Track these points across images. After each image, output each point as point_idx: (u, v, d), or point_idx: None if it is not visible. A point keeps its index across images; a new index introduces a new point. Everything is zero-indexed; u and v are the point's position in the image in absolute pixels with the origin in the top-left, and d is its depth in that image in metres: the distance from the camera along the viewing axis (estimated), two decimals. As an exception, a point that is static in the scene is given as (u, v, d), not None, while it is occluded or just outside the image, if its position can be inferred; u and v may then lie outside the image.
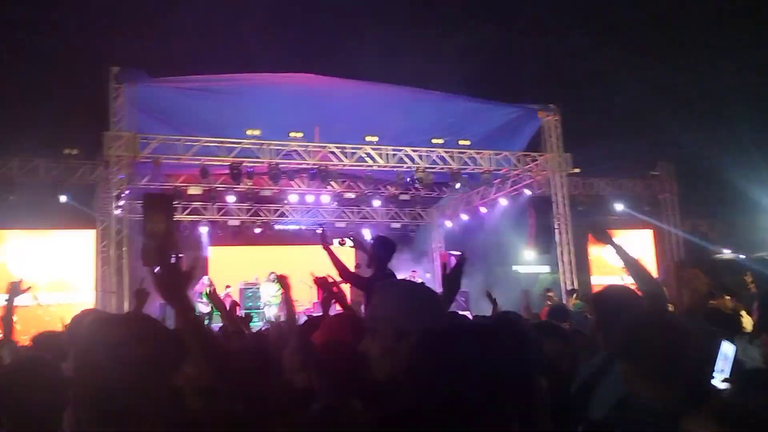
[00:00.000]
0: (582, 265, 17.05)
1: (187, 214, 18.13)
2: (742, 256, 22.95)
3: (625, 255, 3.13)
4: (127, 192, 13.58)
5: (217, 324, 7.87)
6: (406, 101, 14.91)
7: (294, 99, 14.22)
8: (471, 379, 1.27)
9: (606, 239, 3.18)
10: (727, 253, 24.28)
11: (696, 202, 20.85)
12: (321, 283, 4.15)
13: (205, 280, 15.65)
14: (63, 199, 14.40)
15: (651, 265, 17.84)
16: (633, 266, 3.07)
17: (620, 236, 17.97)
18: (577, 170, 16.46)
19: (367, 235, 20.62)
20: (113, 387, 1.47)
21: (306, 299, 17.74)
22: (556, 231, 15.78)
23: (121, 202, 13.57)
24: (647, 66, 21.77)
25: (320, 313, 4.11)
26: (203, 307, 14.74)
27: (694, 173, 20.44)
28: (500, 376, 1.28)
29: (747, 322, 5.51)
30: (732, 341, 3.57)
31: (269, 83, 13.85)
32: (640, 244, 18.32)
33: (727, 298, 8.76)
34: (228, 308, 4.57)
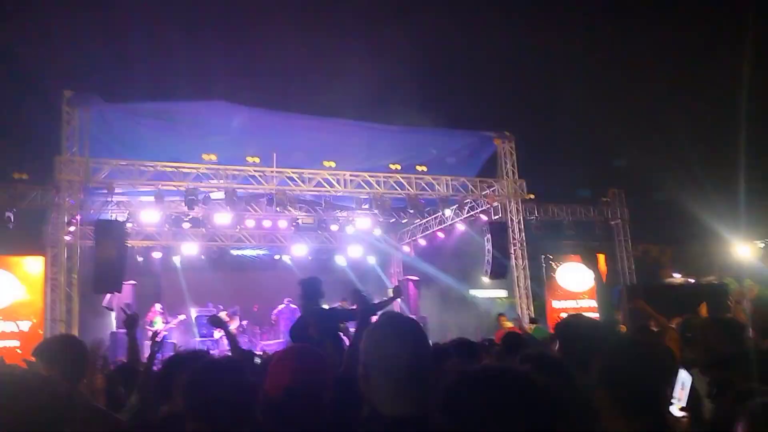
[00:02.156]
0: (538, 290, 17.29)
1: (140, 240, 17.82)
2: (692, 281, 23.54)
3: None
4: (78, 218, 13.29)
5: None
6: (364, 130, 15.04)
7: (251, 126, 14.19)
8: (502, 423, 1.32)
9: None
10: (677, 278, 24.87)
11: (646, 228, 21.38)
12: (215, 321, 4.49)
13: (157, 307, 15.33)
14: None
15: (603, 290, 18.16)
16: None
17: (573, 261, 18.33)
18: (531, 196, 16.74)
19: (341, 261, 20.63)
20: None
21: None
22: (512, 256, 16.00)
23: (72, 228, 13.26)
24: (599, 95, 22.38)
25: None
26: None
27: (644, 200, 20.99)
28: (529, 422, 1.34)
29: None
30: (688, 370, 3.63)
31: (224, 112, 13.78)
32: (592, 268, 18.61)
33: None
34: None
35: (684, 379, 3.50)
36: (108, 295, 14.77)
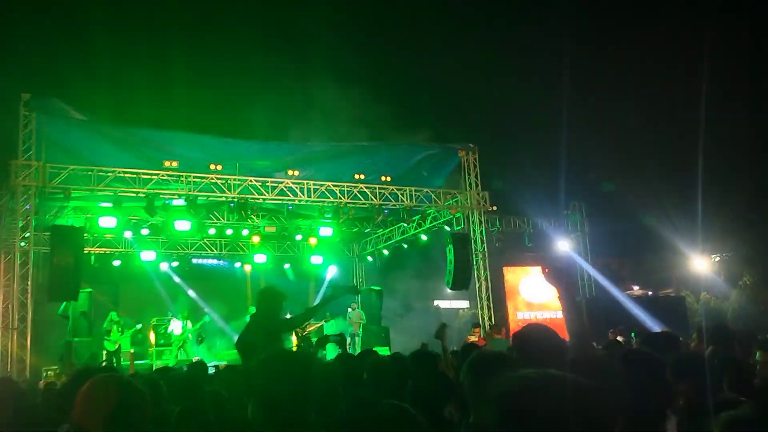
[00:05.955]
0: (500, 300, 17.38)
1: (98, 248, 17.46)
2: (650, 293, 23.97)
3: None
4: (33, 223, 12.94)
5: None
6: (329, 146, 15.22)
7: (214, 139, 14.20)
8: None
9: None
10: (636, 290, 25.32)
11: (606, 241, 21.75)
12: None
13: (113, 316, 14.94)
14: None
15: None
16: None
17: (533, 272, 18.50)
18: (494, 207, 16.87)
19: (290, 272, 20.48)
20: None
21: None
22: (475, 266, 16.08)
23: (27, 234, 12.91)
24: (562, 110, 22.74)
25: None
26: (109, 345, 14.15)
27: (604, 213, 21.36)
28: None
29: None
30: None
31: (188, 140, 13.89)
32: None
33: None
34: None
35: None
36: (64, 303, 14.39)
